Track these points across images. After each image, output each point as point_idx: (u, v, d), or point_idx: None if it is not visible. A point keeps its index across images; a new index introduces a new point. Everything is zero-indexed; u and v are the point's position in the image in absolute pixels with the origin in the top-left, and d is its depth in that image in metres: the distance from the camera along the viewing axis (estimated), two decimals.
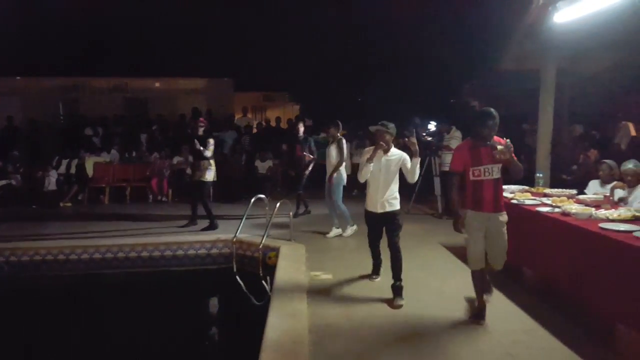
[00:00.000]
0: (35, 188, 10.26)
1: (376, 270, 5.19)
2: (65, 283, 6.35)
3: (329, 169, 7.15)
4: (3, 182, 10.56)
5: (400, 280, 4.59)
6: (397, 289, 4.54)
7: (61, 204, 10.13)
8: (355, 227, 7.09)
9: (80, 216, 9.10)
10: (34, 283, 6.33)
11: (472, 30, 11.70)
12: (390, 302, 4.47)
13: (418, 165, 4.59)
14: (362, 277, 5.25)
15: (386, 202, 4.72)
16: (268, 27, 14.75)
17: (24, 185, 10.58)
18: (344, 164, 7.12)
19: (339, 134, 7.30)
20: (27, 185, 10.50)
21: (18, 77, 15.34)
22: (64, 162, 11.00)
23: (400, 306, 4.38)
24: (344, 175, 7.16)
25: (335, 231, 7.10)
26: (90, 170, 10.93)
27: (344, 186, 7.17)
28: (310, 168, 8.29)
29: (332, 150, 7.16)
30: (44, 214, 9.35)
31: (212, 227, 7.56)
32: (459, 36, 12.31)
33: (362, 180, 4.77)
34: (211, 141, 7.68)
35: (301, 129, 8.53)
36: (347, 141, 11.38)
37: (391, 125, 4.70)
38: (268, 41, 15.02)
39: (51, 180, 10.28)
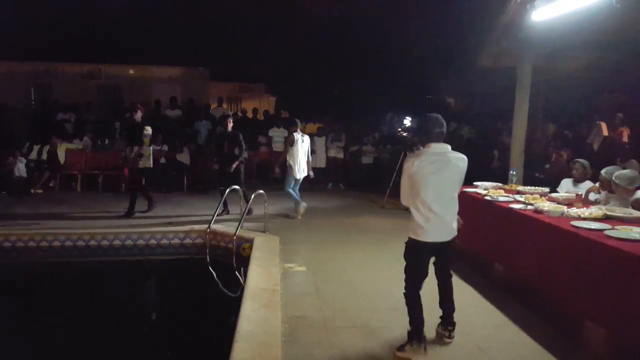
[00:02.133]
0: (5, 174, 9.95)
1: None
2: (35, 270, 6.20)
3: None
4: None
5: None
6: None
7: (32, 191, 9.87)
8: (305, 204, 8.01)
9: (52, 203, 8.88)
10: (3, 270, 6.15)
11: (450, 27, 11.79)
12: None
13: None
14: (335, 269, 5.25)
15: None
16: (246, 17, 14.61)
17: None
18: (305, 157, 8.00)
19: (298, 130, 8.09)
20: None
21: None
22: (35, 148, 10.70)
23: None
24: (295, 168, 7.88)
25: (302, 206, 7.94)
26: (62, 157, 10.66)
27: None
28: (236, 164, 7.97)
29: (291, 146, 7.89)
30: (14, 200, 9.11)
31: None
32: (436, 32, 12.40)
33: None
34: (148, 129, 7.91)
35: (230, 124, 8.27)
36: (323, 135, 11.51)
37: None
38: (245, 31, 14.87)
39: (20, 167, 9.99)
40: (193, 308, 5.09)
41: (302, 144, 7.97)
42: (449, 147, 3.52)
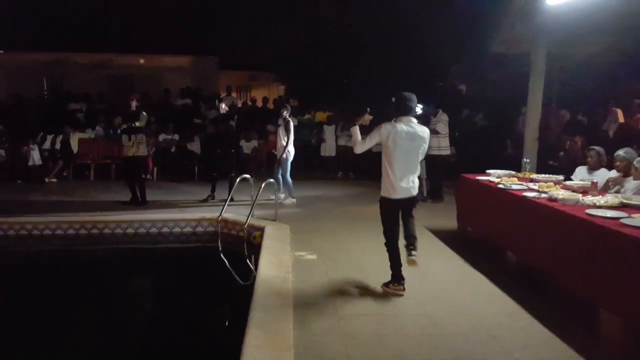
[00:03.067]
0: (20, 163, 10.08)
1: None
2: (51, 258, 6.30)
3: (278, 149, 7.88)
4: None
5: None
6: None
7: (46, 180, 10.01)
8: (294, 200, 8.00)
9: (66, 192, 8.99)
10: (20, 257, 6.29)
11: (462, 12, 11.60)
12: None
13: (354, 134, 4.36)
14: (346, 257, 5.25)
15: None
16: (254, 5, 14.51)
17: (8, 160, 10.40)
18: (291, 143, 7.84)
19: (287, 115, 7.90)
20: (12, 160, 10.31)
21: (1, 51, 14.96)
22: (49, 137, 10.81)
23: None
24: (292, 153, 7.89)
25: (281, 196, 7.74)
26: (75, 146, 10.76)
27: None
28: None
29: (280, 131, 7.82)
30: (29, 189, 9.24)
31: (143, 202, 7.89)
32: (448, 18, 12.20)
33: None
34: (144, 114, 7.93)
35: (222, 108, 8.41)
36: (333, 123, 11.48)
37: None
38: (254, 20, 14.80)
39: (34, 156, 10.11)
40: (205, 295, 5.13)
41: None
42: (416, 121, 4.22)
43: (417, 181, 4.25)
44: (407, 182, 4.15)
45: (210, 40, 15.24)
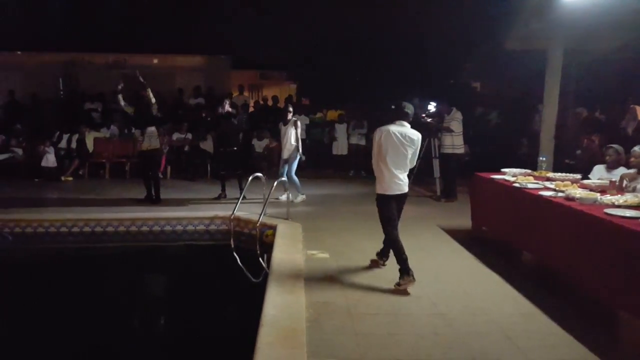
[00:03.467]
0: (37, 162, 10.23)
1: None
2: (66, 255, 6.40)
3: (284, 148, 7.92)
4: (5, 155, 10.56)
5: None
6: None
7: (62, 178, 10.13)
8: (304, 196, 8.07)
9: (81, 190, 9.10)
10: (36, 254, 6.39)
11: (476, 8, 11.45)
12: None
13: None
14: (358, 256, 5.22)
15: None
16: (266, 4, 14.50)
17: (25, 159, 10.55)
18: (300, 142, 7.94)
19: (291, 116, 8.02)
20: (29, 159, 10.47)
21: (19, 52, 15.17)
22: (65, 137, 10.94)
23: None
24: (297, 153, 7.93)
25: (284, 197, 7.50)
26: (90, 146, 10.88)
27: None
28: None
29: (289, 131, 7.83)
30: (46, 187, 9.37)
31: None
32: (461, 13, 12.05)
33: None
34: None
35: (226, 106, 8.60)
36: (345, 122, 11.45)
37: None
38: (266, 20, 14.79)
39: (49, 158, 10.23)
40: (218, 293, 5.14)
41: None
42: (409, 125, 4.58)
43: (406, 179, 4.64)
44: (399, 178, 4.54)
45: (223, 40, 15.27)
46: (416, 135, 4.57)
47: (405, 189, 4.63)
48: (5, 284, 5.34)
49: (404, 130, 4.51)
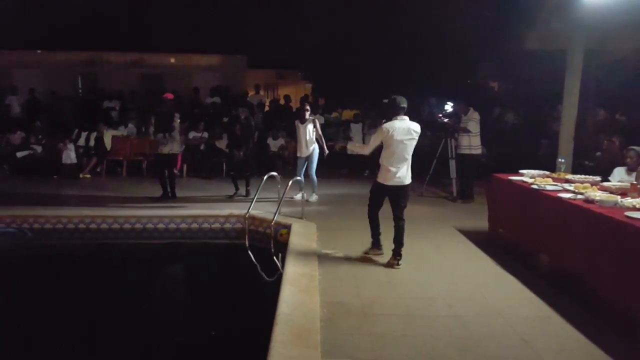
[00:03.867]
0: (56, 159, 10.39)
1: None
2: (84, 251, 6.51)
3: (301, 147, 7.90)
4: (25, 152, 10.74)
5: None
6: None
7: (81, 175, 10.28)
8: (317, 197, 8.10)
9: (99, 187, 9.23)
10: (55, 249, 6.50)
11: (494, 7, 11.33)
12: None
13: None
14: (373, 256, 5.21)
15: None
16: (283, 5, 14.55)
17: (45, 156, 10.73)
18: (322, 139, 7.96)
19: (309, 114, 7.99)
20: (48, 156, 10.64)
21: (39, 51, 15.43)
22: (83, 134, 11.10)
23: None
24: (317, 151, 7.94)
25: (298, 196, 7.47)
26: (108, 144, 11.01)
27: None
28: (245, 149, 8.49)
29: (308, 129, 7.80)
30: (65, 184, 9.51)
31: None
32: (480, 13, 11.93)
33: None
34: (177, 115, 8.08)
35: (242, 113, 8.69)
36: (360, 121, 11.42)
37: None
38: (282, 19, 14.83)
39: (69, 155, 10.39)
40: (232, 291, 5.17)
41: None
42: (408, 118, 4.89)
43: (409, 172, 4.96)
44: (402, 172, 4.87)
45: (239, 40, 15.37)
46: (418, 127, 4.93)
47: (405, 182, 4.92)
48: (25, 278, 5.45)
49: (407, 125, 4.85)
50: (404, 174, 4.89)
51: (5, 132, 11.13)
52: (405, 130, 4.82)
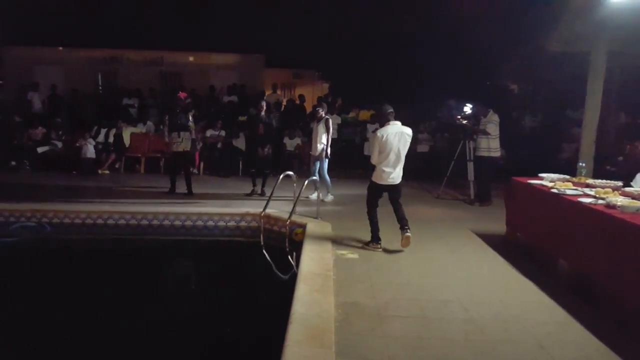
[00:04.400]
0: (75, 155, 10.56)
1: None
2: (102, 246, 6.62)
3: (315, 146, 7.93)
4: (46, 147, 10.93)
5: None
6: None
7: (99, 171, 10.44)
8: (332, 197, 8.15)
9: (118, 183, 9.37)
10: (73, 244, 6.60)
11: (515, 8, 11.17)
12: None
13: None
14: (388, 258, 5.18)
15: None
16: (300, 4, 14.56)
17: (65, 152, 10.90)
18: (329, 141, 7.93)
19: (324, 114, 7.98)
20: (68, 152, 10.81)
21: (60, 48, 15.68)
22: (103, 131, 11.27)
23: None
24: (329, 151, 7.95)
25: (313, 196, 7.59)
26: (127, 140, 11.16)
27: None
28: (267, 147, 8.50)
29: (320, 129, 7.84)
30: (84, 180, 9.67)
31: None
32: (501, 14, 11.78)
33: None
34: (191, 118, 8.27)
35: (263, 109, 8.53)
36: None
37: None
38: (299, 19, 14.84)
39: (89, 149, 10.54)
40: (246, 289, 5.18)
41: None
42: (400, 122, 5.32)
43: (401, 172, 5.41)
44: (396, 172, 5.34)
45: (257, 39, 15.44)
46: (410, 130, 5.37)
47: (397, 181, 5.41)
48: (44, 272, 5.54)
49: (399, 129, 5.27)
50: (397, 174, 5.36)
51: (26, 127, 11.35)
52: (397, 134, 5.24)
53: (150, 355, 3.90)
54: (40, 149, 10.88)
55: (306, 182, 6.52)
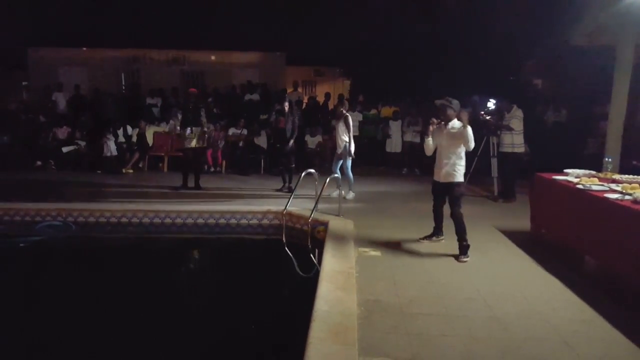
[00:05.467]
0: (99, 154, 10.77)
1: (437, 232, 5.68)
2: (126, 244, 6.71)
3: (338, 143, 7.95)
4: (71, 147, 11.17)
5: (465, 240, 5.11)
6: (461, 248, 5.11)
7: (123, 170, 10.63)
8: (354, 194, 8.12)
9: (141, 182, 9.54)
10: (98, 242, 6.73)
11: (540, 2, 10.95)
12: (456, 257, 5.09)
13: (469, 134, 5.13)
14: (410, 256, 5.18)
15: (447, 172, 5.29)
16: (321, 1, 14.54)
17: (88, 151, 11.13)
18: (352, 138, 7.91)
19: (344, 111, 8.04)
20: (92, 151, 11.04)
21: (84, 48, 16.00)
22: (125, 128, 11.45)
23: (464, 262, 4.99)
24: (352, 148, 7.91)
25: (335, 193, 7.57)
26: (150, 139, 11.33)
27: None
28: (291, 142, 8.56)
29: (340, 126, 7.89)
30: (108, 178, 9.88)
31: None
32: (525, 8, 11.57)
33: (429, 154, 5.54)
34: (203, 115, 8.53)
35: (287, 106, 8.73)
36: (399, 118, 11.31)
37: (455, 102, 5.31)
38: (320, 16, 14.82)
39: (110, 146, 10.73)
40: (269, 287, 5.23)
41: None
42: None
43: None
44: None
45: (278, 37, 15.49)
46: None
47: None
48: (70, 270, 5.68)
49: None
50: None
51: (51, 127, 11.62)
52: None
53: (175, 352, 3.97)
54: (65, 149, 11.11)
55: (327, 179, 6.55)
